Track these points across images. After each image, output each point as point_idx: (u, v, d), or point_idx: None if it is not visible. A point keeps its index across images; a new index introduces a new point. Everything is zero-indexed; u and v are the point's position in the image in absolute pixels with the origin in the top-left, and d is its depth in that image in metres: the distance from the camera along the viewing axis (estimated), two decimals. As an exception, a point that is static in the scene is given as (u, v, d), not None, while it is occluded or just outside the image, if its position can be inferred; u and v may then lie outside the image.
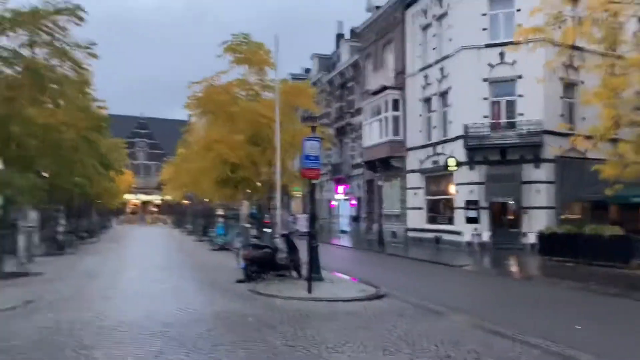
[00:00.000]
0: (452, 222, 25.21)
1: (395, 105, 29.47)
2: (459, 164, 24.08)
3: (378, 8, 33.56)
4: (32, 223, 19.26)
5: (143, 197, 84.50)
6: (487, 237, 23.02)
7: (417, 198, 28.31)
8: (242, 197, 24.56)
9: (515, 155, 23.08)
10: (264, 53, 19.44)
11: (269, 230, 18.63)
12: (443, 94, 26.36)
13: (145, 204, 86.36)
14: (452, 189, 24.95)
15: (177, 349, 6.99)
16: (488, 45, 23.66)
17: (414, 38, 28.75)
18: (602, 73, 15.97)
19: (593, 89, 16.54)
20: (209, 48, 22.55)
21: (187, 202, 51.76)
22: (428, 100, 27.64)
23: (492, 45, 23.56)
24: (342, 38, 44.30)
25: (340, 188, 39.22)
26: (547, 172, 22.73)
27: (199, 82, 20.14)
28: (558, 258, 18.10)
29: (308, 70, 50.62)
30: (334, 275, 14.59)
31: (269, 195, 20.73)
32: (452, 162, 24.17)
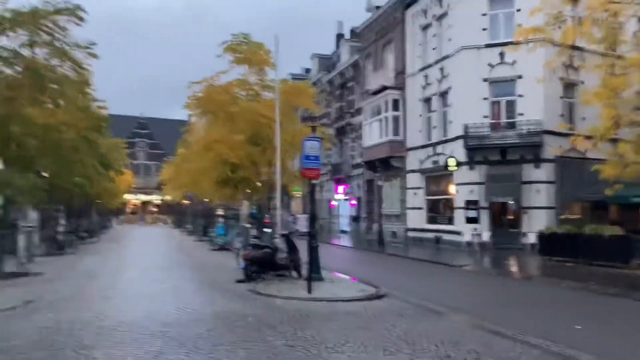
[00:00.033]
0: (452, 222, 25.21)
1: (395, 105, 29.47)
2: (459, 164, 24.08)
3: (378, 8, 33.55)
4: (32, 223, 19.28)
5: (143, 197, 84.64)
6: (487, 237, 23.01)
7: (417, 198, 28.31)
8: (242, 197, 24.56)
9: (515, 155, 23.08)
10: (264, 53, 19.46)
11: (269, 230, 18.64)
12: (443, 94, 26.36)
13: (145, 204, 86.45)
14: (452, 189, 24.95)
15: (177, 349, 6.99)
16: (488, 45, 23.66)
17: (414, 38, 28.75)
18: (602, 73, 15.97)
19: (593, 89, 16.54)
20: (209, 48, 22.56)
21: (187, 202, 51.79)
22: (428, 100, 27.64)
23: (492, 45, 23.55)
24: (342, 38, 44.31)
25: (340, 188, 39.22)
26: (547, 172, 22.73)
27: (199, 82, 20.17)
28: (558, 258, 18.10)
29: (308, 70, 50.63)
30: (334, 275, 14.59)
31: (269, 195, 20.75)
32: (452, 162, 24.17)
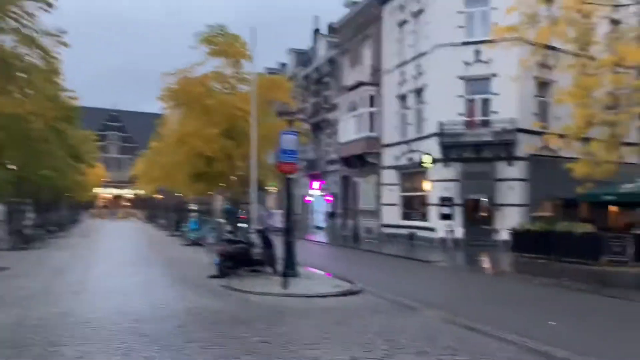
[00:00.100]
0: (426, 218, 25.36)
1: (372, 102, 29.48)
2: (434, 161, 24.19)
3: (355, 3, 33.49)
4: (-3, 216, 18.74)
5: (115, 191, 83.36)
6: (460, 233, 23.20)
7: (392, 194, 28.39)
8: (216, 191, 24.29)
9: (489, 153, 23.28)
10: (240, 45, 19.22)
11: (244, 226, 18.45)
12: (419, 91, 26.44)
13: (117, 198, 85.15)
14: (426, 186, 25.09)
15: (148, 346, 6.81)
16: (464, 43, 23.76)
17: (391, 34, 28.77)
18: (575, 73, 16.22)
19: (567, 89, 16.79)
20: (184, 39, 22.15)
21: (159, 196, 51.10)
22: (404, 97, 27.70)
23: (468, 43, 23.67)
24: (319, 33, 44.11)
25: (316, 184, 39.10)
26: (520, 170, 23.00)
27: (174, 73, 19.78)
28: (530, 255, 18.32)
29: (284, 65, 50.29)
30: (309, 271, 14.49)
31: (244, 190, 20.52)
32: (427, 159, 24.26)
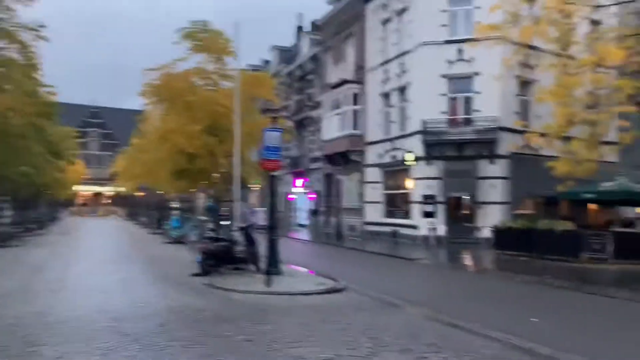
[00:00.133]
0: (409, 216, 25.46)
1: (355, 99, 29.49)
2: (417, 159, 24.28)
3: (339, 1, 33.44)
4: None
5: (95, 188, 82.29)
6: (443, 231, 23.33)
7: (375, 192, 28.45)
8: (199, 189, 24.08)
9: (472, 151, 23.45)
10: (224, 41, 19.02)
11: (227, 223, 18.32)
12: (402, 89, 26.51)
13: (98, 196, 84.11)
14: (409, 184, 25.18)
15: (129, 345, 6.70)
16: (447, 42, 23.87)
17: (375, 32, 28.79)
18: (556, 72, 16.42)
19: (548, 88, 16.98)
20: (166, 35, 21.82)
21: (141, 193, 50.54)
22: (387, 95, 27.76)
23: (451, 42, 23.77)
24: (302, 31, 44.00)
25: (299, 181, 39.03)
26: (501, 168, 23.20)
27: (156, 68, 19.50)
28: (512, 252, 18.47)
29: (267, 62, 50.07)
30: (293, 269, 14.42)
31: (227, 188, 20.37)
32: (409, 157, 24.34)
